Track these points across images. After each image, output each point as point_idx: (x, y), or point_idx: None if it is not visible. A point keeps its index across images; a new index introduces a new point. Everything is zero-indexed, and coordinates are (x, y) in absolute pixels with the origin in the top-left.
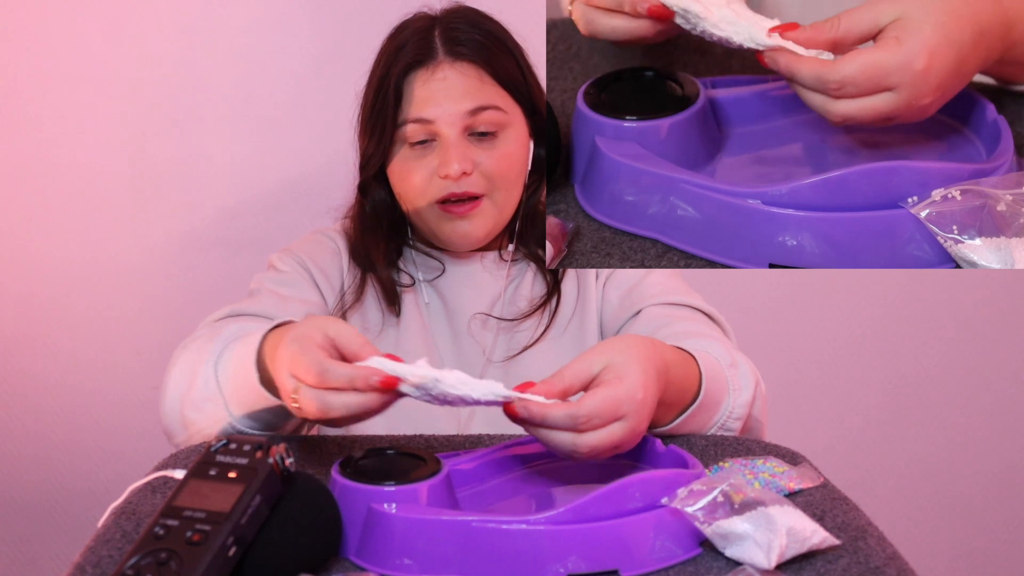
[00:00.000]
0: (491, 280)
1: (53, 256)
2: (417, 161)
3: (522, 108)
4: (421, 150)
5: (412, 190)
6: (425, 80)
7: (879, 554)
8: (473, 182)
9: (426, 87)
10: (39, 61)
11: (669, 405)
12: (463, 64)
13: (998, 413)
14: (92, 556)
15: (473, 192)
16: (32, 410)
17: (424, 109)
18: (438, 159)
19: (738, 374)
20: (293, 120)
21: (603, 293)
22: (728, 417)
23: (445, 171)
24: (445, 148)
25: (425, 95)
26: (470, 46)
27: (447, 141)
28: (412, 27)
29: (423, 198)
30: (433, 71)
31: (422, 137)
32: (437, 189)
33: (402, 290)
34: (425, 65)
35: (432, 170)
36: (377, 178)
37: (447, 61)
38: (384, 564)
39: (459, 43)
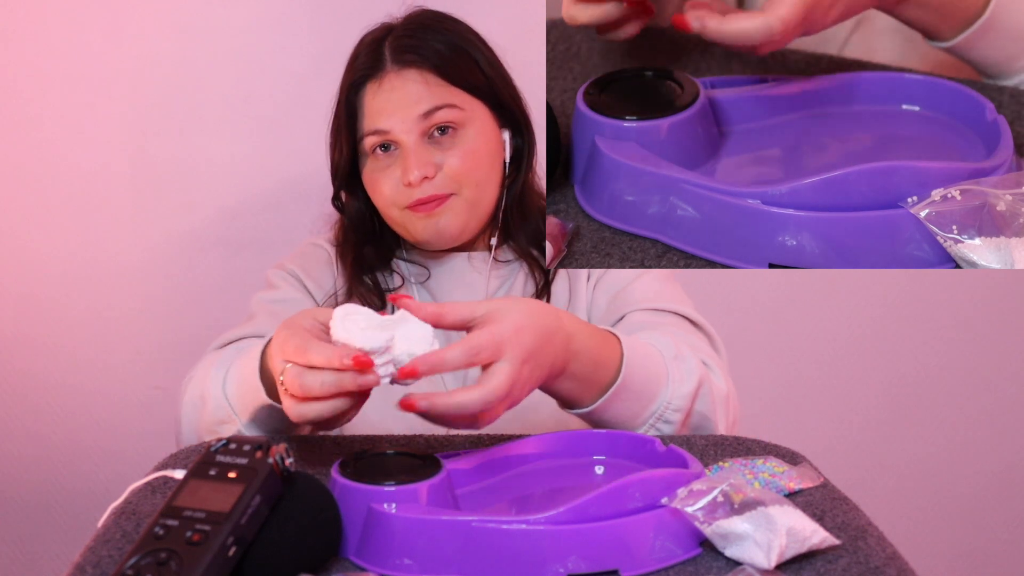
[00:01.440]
0: (480, 279)
1: (53, 256)
2: (383, 171)
3: (485, 102)
4: (386, 158)
5: (382, 199)
6: (374, 92)
7: (879, 554)
8: (437, 184)
9: (376, 99)
10: (39, 61)
11: (583, 380)
12: (409, 71)
13: (998, 413)
14: (92, 556)
15: (439, 194)
16: (32, 410)
17: (378, 121)
18: (400, 167)
19: (681, 367)
20: (293, 120)
21: (592, 295)
22: (666, 408)
23: (407, 179)
24: (405, 156)
25: (377, 107)
26: (417, 52)
27: (406, 149)
28: (367, 40)
29: (393, 206)
30: (380, 82)
31: (382, 144)
32: (404, 196)
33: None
34: (373, 78)
35: (397, 178)
36: (353, 189)
37: (394, 71)
38: (384, 564)
39: (405, 51)
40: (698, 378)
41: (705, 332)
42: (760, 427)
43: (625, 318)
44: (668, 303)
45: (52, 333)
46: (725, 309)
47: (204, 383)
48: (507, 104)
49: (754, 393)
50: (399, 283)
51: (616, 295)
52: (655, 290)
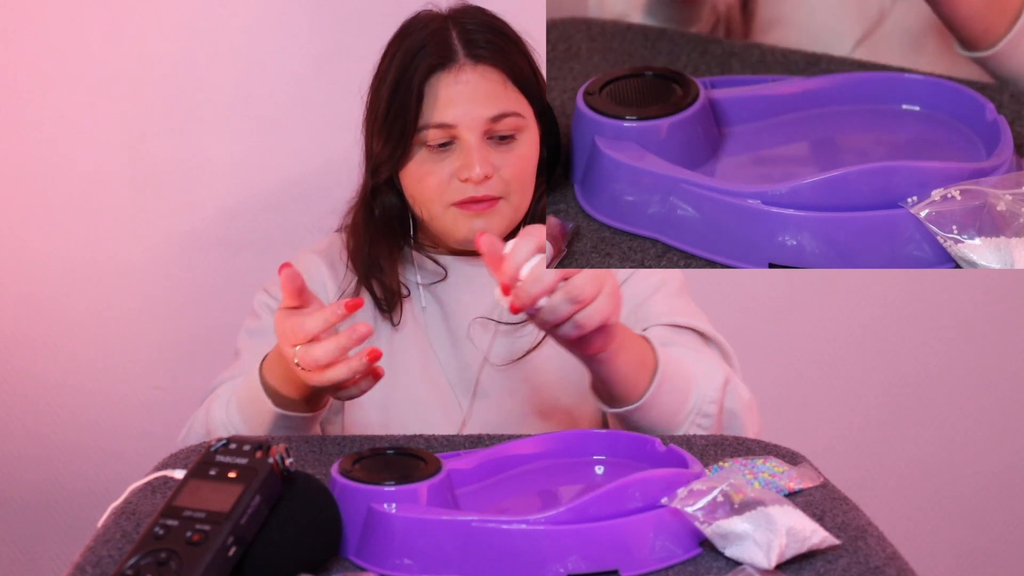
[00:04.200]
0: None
1: (53, 256)
2: (435, 164)
3: (535, 110)
4: (439, 152)
5: (429, 193)
6: (448, 83)
7: (879, 554)
8: (492, 186)
9: (448, 91)
10: (39, 61)
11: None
12: (484, 67)
13: (998, 413)
14: (92, 556)
15: (492, 195)
16: (32, 410)
17: (447, 113)
18: (458, 161)
19: (706, 364)
20: (293, 120)
21: None
22: (702, 401)
23: (467, 174)
24: (467, 151)
25: (448, 99)
26: (489, 48)
27: (468, 145)
28: (426, 28)
29: (439, 201)
30: (456, 74)
31: (442, 140)
32: (455, 192)
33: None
34: (446, 67)
35: (450, 173)
36: (386, 180)
37: (469, 64)
38: (384, 564)
39: (478, 45)
40: (724, 375)
41: (719, 346)
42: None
43: (647, 331)
44: (685, 318)
45: (52, 333)
46: (725, 309)
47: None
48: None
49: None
50: (404, 292)
51: (634, 309)
52: (672, 305)
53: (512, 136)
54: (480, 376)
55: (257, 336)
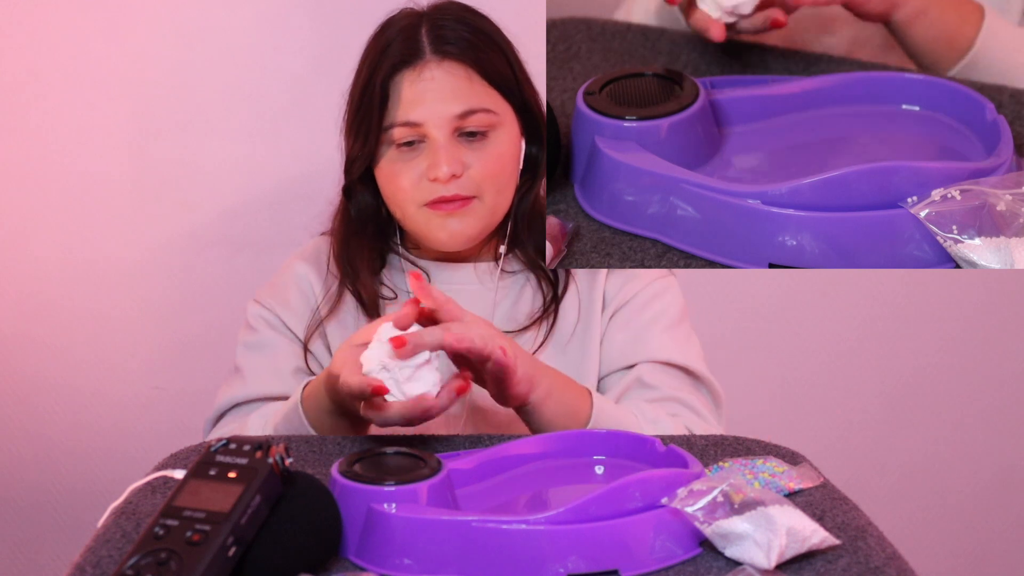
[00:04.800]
0: (483, 291)
1: (53, 256)
2: (405, 163)
3: (512, 106)
4: (409, 151)
5: (400, 193)
6: (412, 81)
7: (879, 554)
8: (463, 185)
9: (413, 88)
10: (39, 62)
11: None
12: (451, 63)
13: (998, 413)
14: (92, 556)
15: (463, 195)
16: (32, 410)
17: (412, 112)
18: (427, 161)
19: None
20: (293, 120)
21: (607, 327)
22: None
23: (434, 174)
24: (434, 150)
25: (412, 97)
26: (459, 44)
27: (436, 144)
28: (397, 25)
29: (411, 201)
30: (420, 71)
31: (410, 139)
32: (426, 192)
33: (385, 302)
34: (412, 65)
35: (421, 172)
36: (363, 180)
37: (434, 60)
38: (384, 564)
39: (447, 41)
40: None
41: (708, 386)
42: (760, 427)
43: (636, 368)
44: (680, 356)
45: (52, 333)
46: (725, 309)
47: None
48: (531, 110)
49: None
50: (390, 295)
51: (633, 337)
52: (668, 340)
53: (484, 133)
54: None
55: (256, 350)
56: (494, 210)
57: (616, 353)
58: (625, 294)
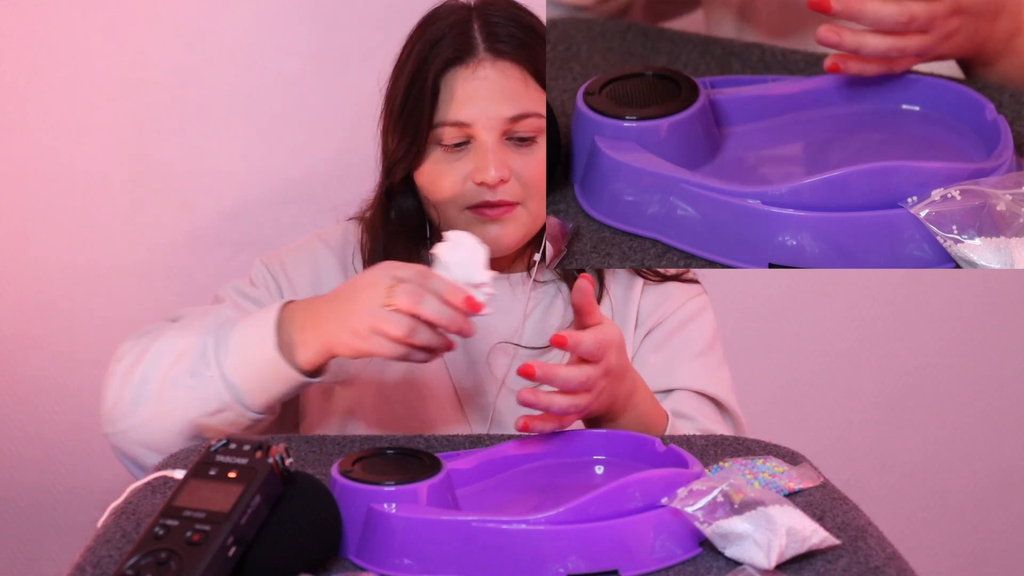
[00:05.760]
0: (514, 302)
1: (53, 256)
2: (450, 165)
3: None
4: (455, 152)
5: (443, 195)
6: (465, 79)
7: (879, 554)
8: (509, 190)
9: (465, 87)
10: (39, 62)
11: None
12: (505, 63)
13: (998, 413)
14: (92, 556)
15: (508, 200)
16: (31, 410)
17: (462, 111)
18: (472, 164)
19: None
20: (293, 120)
21: (641, 347)
22: None
23: (481, 177)
24: (482, 153)
25: (464, 96)
26: (512, 43)
27: (484, 146)
28: (447, 19)
29: (454, 204)
30: (474, 69)
31: (457, 140)
32: (471, 195)
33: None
34: (464, 62)
35: (466, 174)
36: (404, 181)
37: (488, 59)
38: (384, 564)
39: (500, 39)
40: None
41: (733, 418)
42: (760, 427)
43: (674, 393)
44: (713, 386)
45: (52, 333)
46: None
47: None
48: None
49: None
50: None
51: (666, 360)
52: (702, 366)
53: (532, 138)
54: (496, 402)
55: (246, 301)
56: (536, 218)
57: (647, 375)
58: (660, 314)
